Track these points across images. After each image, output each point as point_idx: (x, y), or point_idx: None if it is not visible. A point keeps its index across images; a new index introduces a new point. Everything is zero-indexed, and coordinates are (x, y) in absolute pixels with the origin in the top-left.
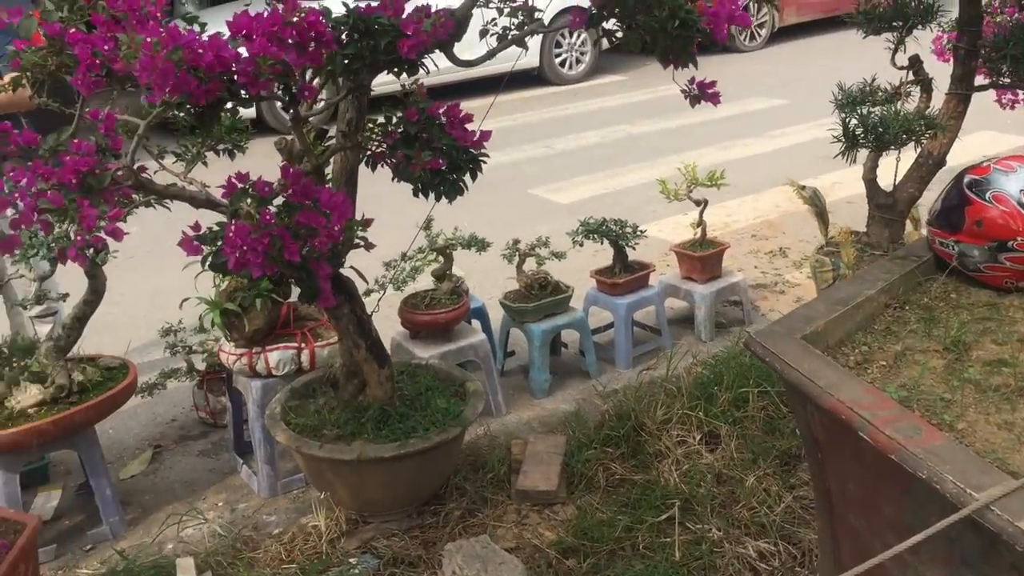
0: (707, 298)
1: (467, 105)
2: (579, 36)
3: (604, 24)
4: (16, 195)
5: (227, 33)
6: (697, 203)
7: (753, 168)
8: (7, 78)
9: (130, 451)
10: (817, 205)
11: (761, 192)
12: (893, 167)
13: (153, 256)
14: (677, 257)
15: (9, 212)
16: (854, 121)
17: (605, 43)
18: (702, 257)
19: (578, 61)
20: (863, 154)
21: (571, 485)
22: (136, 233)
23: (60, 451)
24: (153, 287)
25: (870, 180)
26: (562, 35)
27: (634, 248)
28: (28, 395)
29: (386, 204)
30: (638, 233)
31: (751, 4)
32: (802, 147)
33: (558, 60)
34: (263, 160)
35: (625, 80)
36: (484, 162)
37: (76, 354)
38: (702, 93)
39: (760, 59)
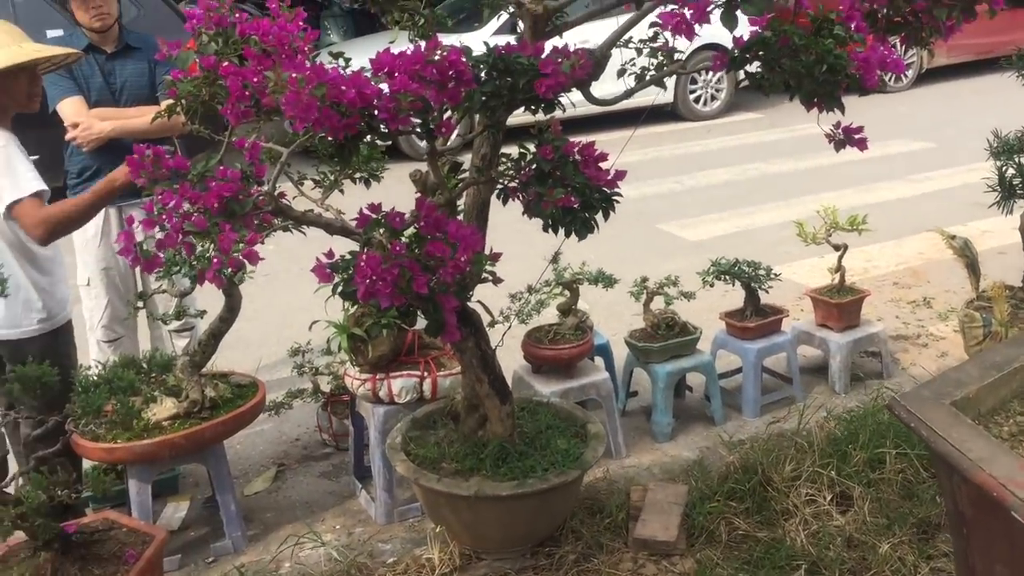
0: (843, 348)
1: (597, 139)
2: (715, 72)
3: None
4: (164, 216)
5: (370, 66)
6: (836, 248)
7: (895, 213)
8: (163, 105)
9: (255, 468)
10: (968, 256)
11: (903, 238)
12: None
13: (286, 273)
14: (813, 303)
15: (157, 232)
16: (1011, 170)
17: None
18: (840, 304)
19: (713, 98)
20: (1018, 204)
21: (691, 537)
22: (270, 251)
23: (190, 464)
24: (285, 304)
25: None
26: (698, 71)
27: (767, 291)
28: (163, 408)
29: (512, 234)
30: (772, 276)
31: (897, 44)
32: (949, 192)
33: (692, 96)
34: (395, 185)
35: (761, 118)
36: (617, 201)
37: (210, 370)
38: (848, 138)
39: (906, 100)
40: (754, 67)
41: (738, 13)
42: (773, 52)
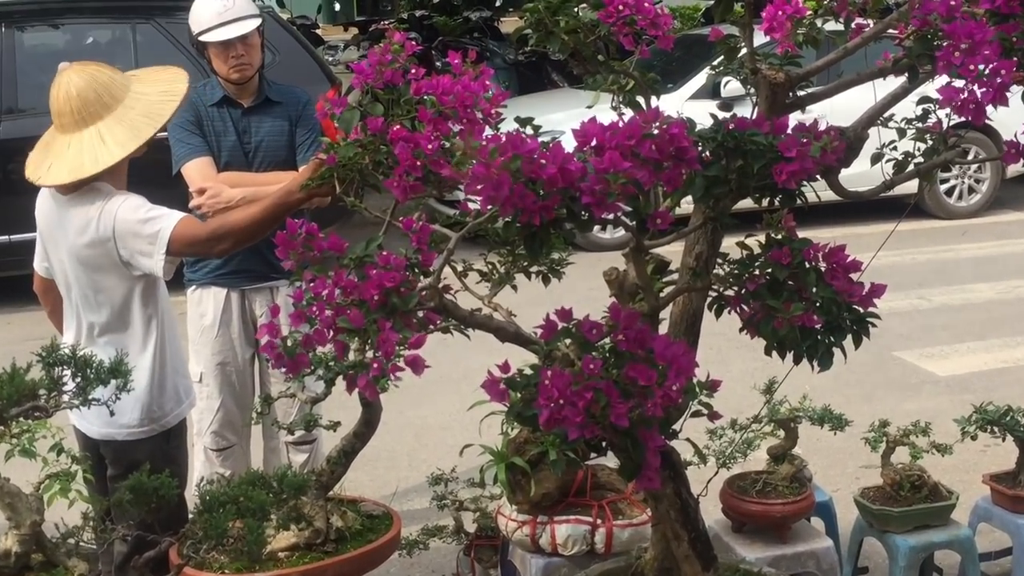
0: None
1: (811, 235)
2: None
3: None
4: (314, 308)
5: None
6: None
7: None
8: (308, 171)
9: None
10: None
11: None
12: None
13: (420, 382)
14: None
15: (304, 328)
16: None
17: (1011, 170)
18: None
19: (971, 191)
20: None
21: None
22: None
23: None
24: (419, 420)
25: None
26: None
27: None
28: (281, 536)
29: (702, 348)
30: None
31: None
32: None
33: (944, 188)
34: (564, 279)
35: None
36: (874, 325)
37: (336, 493)
38: None
39: None
40: None
41: None
42: None
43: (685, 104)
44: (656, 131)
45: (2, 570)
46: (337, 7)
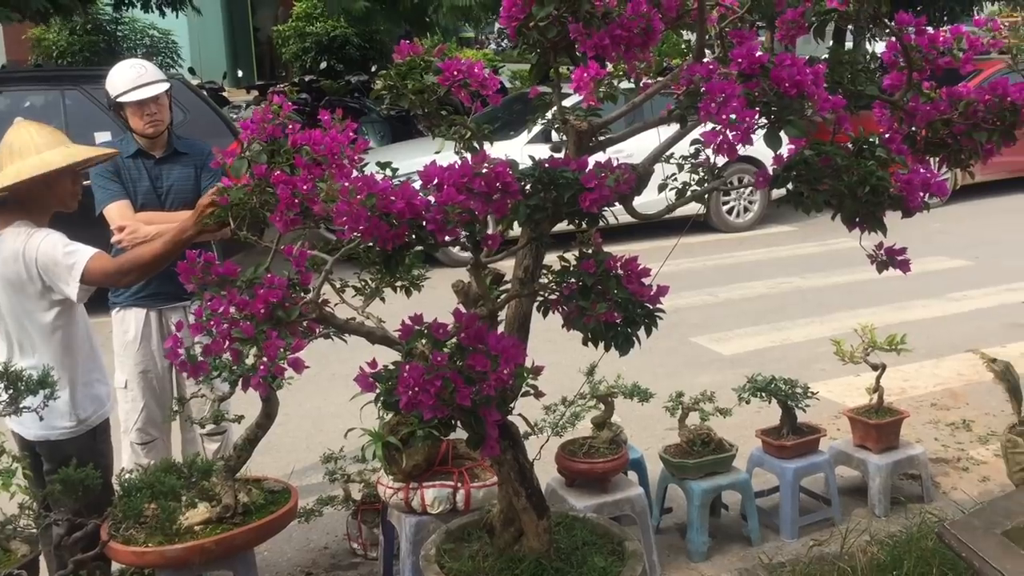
0: (883, 469)
1: (628, 248)
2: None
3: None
4: (212, 322)
5: (405, 170)
6: (874, 367)
7: (933, 331)
8: (206, 205)
9: (283, 575)
10: (1010, 380)
11: (942, 358)
12: None
13: (316, 379)
14: (850, 423)
15: (203, 338)
16: None
17: (775, 194)
18: (878, 425)
19: (746, 210)
20: None
21: None
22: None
23: (218, 570)
24: (315, 410)
25: None
26: (730, 182)
27: (804, 410)
28: (196, 512)
29: (543, 343)
30: (809, 395)
31: (932, 161)
32: (988, 312)
33: (725, 208)
34: (429, 292)
35: (795, 231)
36: (660, 317)
37: (243, 475)
38: (891, 260)
39: (941, 216)
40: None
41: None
42: (815, 171)
43: (525, 147)
44: (485, 170)
45: None
46: (240, 73)
